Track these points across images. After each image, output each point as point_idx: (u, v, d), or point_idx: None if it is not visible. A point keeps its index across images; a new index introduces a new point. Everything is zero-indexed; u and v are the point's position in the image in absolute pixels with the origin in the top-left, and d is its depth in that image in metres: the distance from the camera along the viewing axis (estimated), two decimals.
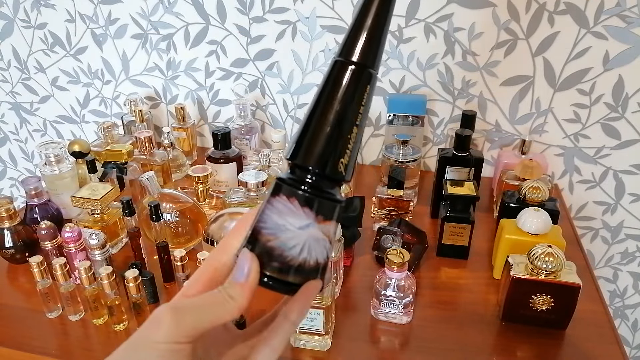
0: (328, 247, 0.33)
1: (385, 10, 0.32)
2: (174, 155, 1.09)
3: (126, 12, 1.17)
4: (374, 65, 0.32)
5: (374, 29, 0.32)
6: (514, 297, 0.68)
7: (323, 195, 0.32)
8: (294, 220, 0.32)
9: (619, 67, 0.97)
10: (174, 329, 0.30)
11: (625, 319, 1.28)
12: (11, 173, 1.57)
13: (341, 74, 0.32)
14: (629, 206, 1.11)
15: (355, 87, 0.32)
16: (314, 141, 0.32)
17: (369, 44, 0.32)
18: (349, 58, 0.32)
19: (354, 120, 0.32)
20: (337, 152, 0.32)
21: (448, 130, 1.11)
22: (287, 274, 0.32)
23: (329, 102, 0.32)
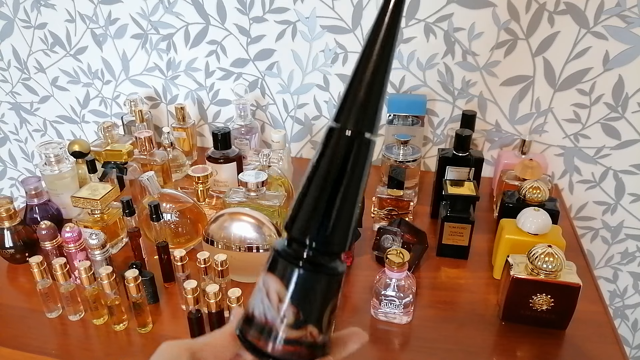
0: (266, 303, 0.31)
1: (382, 73, 0.30)
2: (174, 155, 1.09)
3: (126, 12, 1.17)
4: (372, 130, 0.30)
5: (371, 93, 0.30)
6: (514, 297, 0.68)
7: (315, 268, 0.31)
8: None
9: (619, 67, 0.97)
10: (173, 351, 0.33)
11: (625, 319, 1.28)
12: (11, 173, 1.57)
13: (339, 143, 0.30)
14: (629, 206, 1.11)
15: (355, 158, 0.30)
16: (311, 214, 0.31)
17: (367, 108, 0.30)
18: (347, 126, 0.30)
19: (354, 192, 0.31)
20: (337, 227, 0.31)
21: (448, 130, 1.11)
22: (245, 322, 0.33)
23: (327, 173, 0.30)
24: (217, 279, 0.69)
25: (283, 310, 0.31)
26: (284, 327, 0.31)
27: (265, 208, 0.82)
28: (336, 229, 0.31)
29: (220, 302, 0.65)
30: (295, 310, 0.31)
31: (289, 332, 0.31)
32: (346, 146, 0.30)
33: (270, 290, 0.31)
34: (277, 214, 0.84)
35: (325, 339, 0.33)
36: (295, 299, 0.31)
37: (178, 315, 0.74)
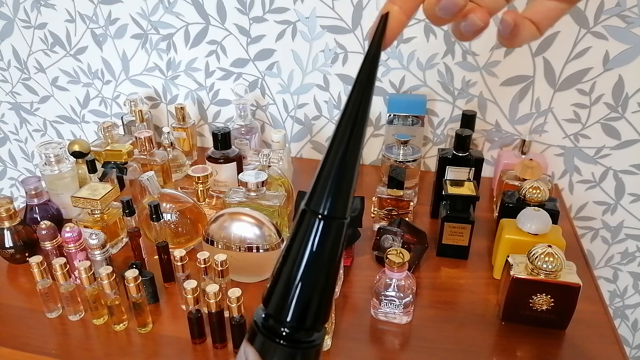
0: None
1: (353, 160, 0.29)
2: (174, 155, 1.09)
3: (126, 12, 1.17)
4: (344, 215, 0.31)
5: (344, 179, 0.30)
6: (514, 297, 0.68)
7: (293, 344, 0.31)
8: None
9: (619, 67, 0.97)
10: None
11: (625, 319, 1.28)
12: (11, 173, 1.57)
13: (311, 226, 0.30)
14: (629, 206, 1.11)
15: (327, 240, 0.31)
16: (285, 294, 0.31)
17: (341, 193, 0.30)
18: (319, 210, 0.30)
19: (328, 272, 0.31)
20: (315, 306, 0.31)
21: (448, 130, 1.11)
22: None
23: (299, 254, 0.31)
24: (217, 279, 0.69)
25: None
26: None
27: (265, 208, 0.82)
28: (310, 308, 0.31)
29: (220, 302, 0.65)
30: None
31: None
32: (318, 230, 0.30)
33: None
34: (277, 214, 0.84)
35: None
36: None
37: (178, 315, 0.74)
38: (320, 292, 0.31)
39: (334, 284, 0.33)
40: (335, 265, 0.32)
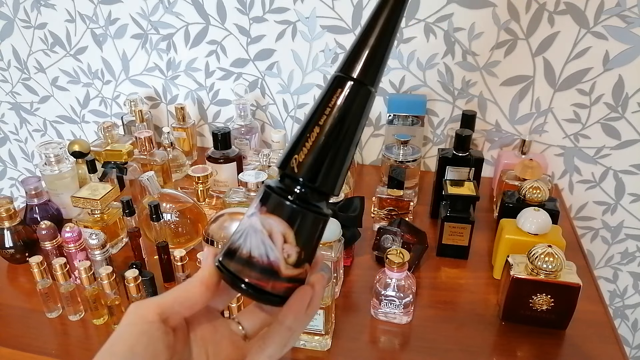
0: (268, 244, 0.32)
1: (390, 30, 0.32)
2: (174, 155, 1.09)
3: (126, 12, 1.17)
4: (374, 84, 0.33)
5: (378, 47, 0.32)
6: (514, 297, 0.68)
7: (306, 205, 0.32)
8: (248, 209, 0.34)
9: (619, 67, 0.97)
10: (138, 308, 0.31)
11: (625, 319, 1.28)
12: (11, 173, 1.57)
13: (341, 89, 0.32)
14: (629, 206, 1.11)
15: (355, 105, 0.32)
16: (307, 155, 0.32)
17: (372, 62, 0.32)
18: (350, 74, 0.32)
19: (349, 139, 0.33)
20: (328, 167, 0.32)
21: (448, 130, 1.11)
22: (230, 260, 0.33)
23: (326, 116, 0.32)
24: None
25: (287, 250, 0.32)
26: (287, 266, 0.33)
27: None
28: (329, 170, 0.33)
29: None
30: (298, 249, 0.33)
31: (291, 270, 0.33)
32: (349, 94, 0.32)
33: (274, 232, 0.32)
34: None
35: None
36: (299, 239, 0.32)
37: None
38: (339, 155, 0.33)
39: (352, 152, 0.33)
40: (355, 133, 0.33)
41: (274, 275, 0.32)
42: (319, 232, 0.34)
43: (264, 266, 0.32)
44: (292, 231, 0.32)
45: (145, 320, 0.31)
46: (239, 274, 0.33)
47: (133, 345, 0.30)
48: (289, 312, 0.33)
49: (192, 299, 0.33)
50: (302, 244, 0.33)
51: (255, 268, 0.32)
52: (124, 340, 0.30)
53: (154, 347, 0.30)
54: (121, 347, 0.30)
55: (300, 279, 0.34)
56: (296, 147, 0.33)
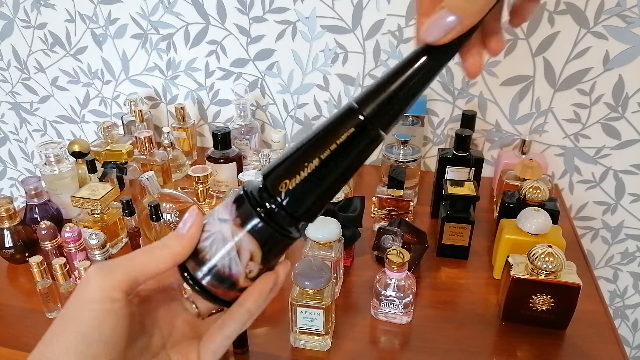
0: (234, 258, 0.32)
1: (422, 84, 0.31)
2: (174, 155, 1.09)
3: (126, 12, 1.17)
4: (386, 129, 0.31)
5: (405, 96, 0.30)
6: (514, 297, 0.68)
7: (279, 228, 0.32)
8: (220, 211, 0.33)
9: (619, 67, 0.97)
10: (103, 283, 0.29)
11: (625, 319, 1.28)
12: (11, 173, 1.57)
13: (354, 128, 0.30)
14: (629, 206, 1.11)
15: (363, 149, 0.31)
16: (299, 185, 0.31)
17: (393, 107, 0.31)
18: (367, 112, 0.30)
19: (344, 180, 0.32)
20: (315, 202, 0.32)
21: (448, 130, 1.11)
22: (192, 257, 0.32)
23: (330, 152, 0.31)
24: None
25: (250, 267, 0.32)
26: (246, 279, 0.33)
27: None
28: (315, 204, 0.32)
29: None
30: (261, 267, 0.33)
31: (248, 283, 0.33)
32: (361, 136, 0.31)
33: (243, 249, 0.31)
34: None
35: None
36: (264, 259, 0.33)
37: None
38: (325, 186, 0.31)
39: (338, 189, 0.33)
40: (350, 171, 0.32)
41: (231, 285, 0.33)
42: (282, 251, 0.34)
43: (223, 276, 0.32)
44: (260, 251, 0.32)
45: (110, 298, 0.28)
46: (196, 275, 0.32)
47: (100, 325, 0.28)
48: (250, 297, 0.33)
49: (159, 272, 0.31)
50: (267, 262, 0.33)
51: (214, 275, 0.32)
52: (91, 318, 0.28)
53: (120, 326, 0.29)
54: (88, 326, 0.28)
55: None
56: (289, 170, 0.31)
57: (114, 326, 0.28)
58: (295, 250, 0.86)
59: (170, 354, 0.33)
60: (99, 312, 0.28)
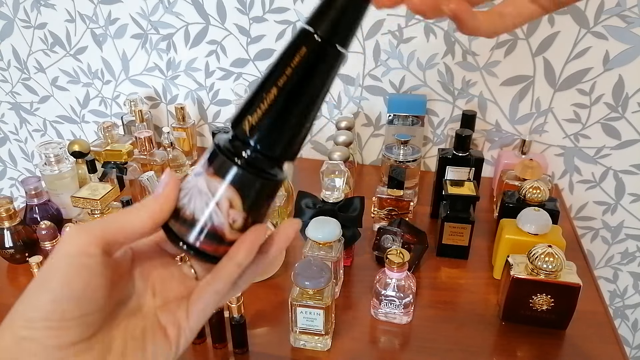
0: (212, 208, 0.30)
1: None
2: (174, 155, 1.09)
3: (126, 12, 1.17)
4: (345, 44, 0.30)
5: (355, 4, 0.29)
6: (514, 297, 0.68)
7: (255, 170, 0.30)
8: (196, 168, 0.32)
9: (619, 67, 0.97)
10: (79, 239, 0.28)
11: (625, 319, 1.28)
12: (11, 173, 1.57)
13: (306, 48, 0.29)
14: (629, 206, 1.11)
15: (321, 69, 0.29)
16: (262, 119, 0.29)
17: (346, 18, 0.29)
18: (318, 30, 0.29)
19: (310, 105, 0.30)
20: (283, 134, 0.30)
21: (448, 130, 1.11)
22: (175, 219, 0.31)
23: (286, 78, 0.29)
24: None
25: (233, 216, 0.31)
26: (232, 231, 0.31)
27: None
28: (284, 137, 0.30)
29: None
30: (245, 215, 0.31)
31: (236, 235, 0.31)
32: (315, 55, 0.29)
33: (220, 196, 0.30)
34: (277, 214, 0.84)
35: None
36: (245, 205, 0.31)
37: None
38: (295, 118, 0.30)
39: (312, 117, 0.31)
40: (314, 95, 0.30)
41: (218, 239, 0.31)
42: (269, 195, 0.32)
43: (207, 229, 0.31)
44: (238, 196, 0.30)
45: (85, 253, 0.28)
46: (181, 235, 0.31)
47: (71, 281, 0.27)
48: (240, 248, 0.31)
49: (137, 230, 0.30)
50: (249, 209, 0.31)
51: (197, 230, 0.31)
52: (61, 274, 0.28)
53: (94, 283, 0.28)
54: (57, 283, 0.27)
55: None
56: (250, 106, 0.30)
57: (87, 282, 0.28)
58: (296, 250, 0.86)
59: (158, 313, 0.32)
60: (72, 267, 0.28)
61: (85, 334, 0.28)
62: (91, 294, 0.28)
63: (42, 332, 0.27)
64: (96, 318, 0.29)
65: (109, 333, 0.30)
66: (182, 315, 0.32)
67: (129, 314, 0.31)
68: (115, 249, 0.30)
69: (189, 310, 0.32)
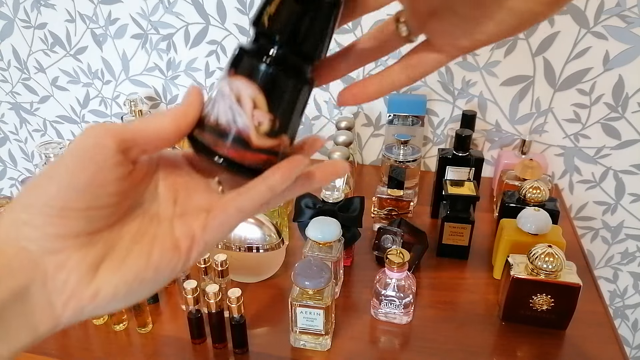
0: (236, 109, 0.29)
1: None
2: None
3: (126, 12, 1.17)
4: None
5: None
6: (514, 297, 0.68)
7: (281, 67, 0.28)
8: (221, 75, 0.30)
9: (619, 67, 0.97)
10: (96, 130, 0.27)
11: (625, 319, 1.28)
12: (11, 173, 1.57)
13: None
14: (629, 206, 1.11)
15: None
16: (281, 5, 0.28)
17: None
18: None
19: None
20: (305, 22, 0.28)
21: (448, 130, 1.11)
22: (200, 130, 0.30)
23: None
24: (217, 279, 0.69)
25: (258, 117, 0.29)
26: (259, 135, 0.29)
27: None
28: (303, 23, 0.28)
29: (220, 302, 0.65)
30: (271, 117, 0.29)
31: (264, 141, 0.29)
32: None
33: (243, 96, 0.29)
34: (277, 214, 0.84)
35: (293, 150, 0.32)
36: (271, 105, 0.29)
37: (178, 315, 0.74)
38: (322, 11, 0.28)
39: (337, 14, 0.29)
40: None
41: (244, 144, 0.29)
42: (297, 98, 0.30)
43: (232, 134, 0.29)
44: (262, 94, 0.28)
45: (98, 145, 0.27)
46: (206, 142, 0.30)
47: (77, 172, 0.26)
48: (276, 172, 0.29)
49: (159, 134, 0.29)
50: (276, 110, 0.29)
51: (223, 136, 0.29)
52: (69, 164, 0.27)
53: (101, 177, 0.27)
54: (63, 172, 0.26)
55: (276, 151, 0.30)
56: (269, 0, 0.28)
57: (93, 175, 0.27)
58: (296, 250, 0.86)
59: (174, 223, 0.30)
60: (81, 159, 0.27)
61: (88, 229, 0.27)
62: (97, 189, 0.27)
63: (42, 218, 0.26)
64: (102, 214, 0.28)
65: (117, 232, 0.29)
66: (198, 226, 0.30)
67: (143, 218, 0.30)
68: (136, 151, 0.29)
69: (207, 222, 0.30)
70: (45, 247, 0.26)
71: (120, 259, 0.28)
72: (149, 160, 0.31)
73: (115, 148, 0.27)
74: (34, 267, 0.26)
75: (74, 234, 0.27)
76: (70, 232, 0.27)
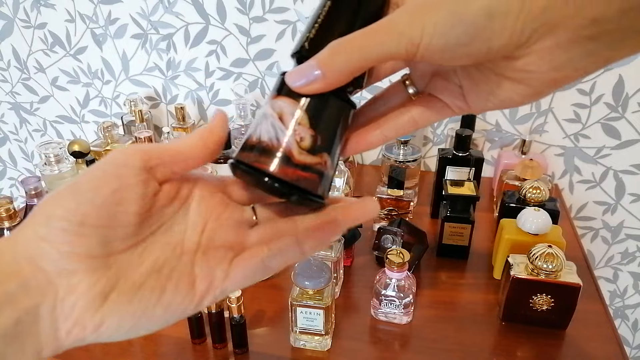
0: (278, 126, 0.29)
1: None
2: None
3: (126, 12, 1.17)
4: None
5: None
6: (514, 297, 0.68)
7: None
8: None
9: (619, 67, 0.97)
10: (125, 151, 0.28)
11: (625, 319, 1.28)
12: (11, 173, 1.57)
13: None
14: (629, 206, 1.11)
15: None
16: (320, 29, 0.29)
17: None
18: None
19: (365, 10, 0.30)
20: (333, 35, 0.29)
21: (448, 130, 1.11)
22: (241, 151, 0.30)
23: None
24: None
25: (300, 133, 0.29)
26: (300, 150, 0.29)
27: None
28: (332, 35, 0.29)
29: (220, 302, 0.65)
30: (312, 132, 0.30)
31: (305, 156, 0.30)
32: None
33: (285, 113, 0.29)
34: None
35: (333, 174, 0.32)
36: (312, 122, 0.30)
37: None
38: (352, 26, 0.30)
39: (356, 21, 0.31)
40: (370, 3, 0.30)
41: (286, 160, 0.29)
42: (338, 117, 0.31)
43: (274, 149, 0.29)
44: (303, 112, 0.29)
45: (124, 162, 0.27)
46: (249, 161, 0.30)
47: (100, 186, 0.26)
48: (312, 239, 0.29)
49: (186, 152, 0.29)
50: (317, 126, 0.30)
51: (264, 152, 0.29)
52: (94, 178, 0.27)
53: (123, 194, 0.27)
54: (86, 186, 0.27)
55: (317, 170, 0.30)
56: (309, 27, 0.30)
57: (114, 192, 0.26)
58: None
59: (196, 256, 0.30)
60: (105, 174, 0.27)
61: (104, 250, 0.27)
62: (117, 206, 0.27)
63: (59, 234, 0.26)
64: (120, 234, 0.27)
65: (136, 258, 0.28)
66: (221, 272, 0.29)
67: (165, 246, 0.29)
68: (162, 170, 0.29)
69: (230, 271, 0.30)
70: (60, 267, 0.26)
71: (131, 290, 0.27)
72: (181, 182, 0.30)
73: (140, 165, 0.27)
74: (47, 288, 0.26)
75: (89, 254, 0.26)
76: (86, 251, 0.26)
